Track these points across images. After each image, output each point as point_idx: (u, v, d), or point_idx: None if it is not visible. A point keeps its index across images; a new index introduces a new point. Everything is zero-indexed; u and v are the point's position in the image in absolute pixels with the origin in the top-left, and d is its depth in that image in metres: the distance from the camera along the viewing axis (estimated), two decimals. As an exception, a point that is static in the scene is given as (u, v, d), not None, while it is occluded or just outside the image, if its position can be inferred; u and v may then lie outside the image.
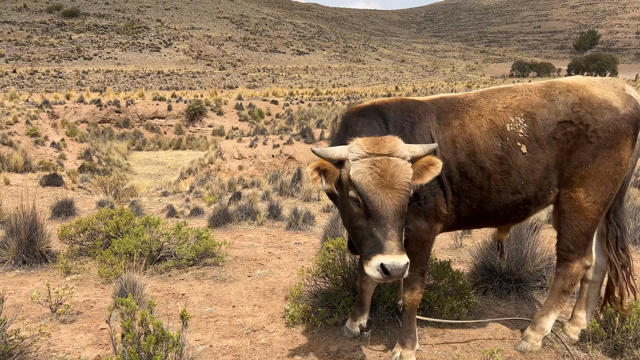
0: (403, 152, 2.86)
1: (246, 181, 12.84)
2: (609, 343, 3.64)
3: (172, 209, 8.52)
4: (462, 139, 3.39)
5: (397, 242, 2.66)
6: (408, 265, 2.64)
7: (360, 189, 2.75)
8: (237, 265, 5.86)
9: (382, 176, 2.74)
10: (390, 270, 2.59)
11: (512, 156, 3.38)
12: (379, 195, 2.71)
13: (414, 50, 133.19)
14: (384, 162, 2.77)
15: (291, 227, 7.56)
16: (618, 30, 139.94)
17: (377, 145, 2.85)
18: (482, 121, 3.43)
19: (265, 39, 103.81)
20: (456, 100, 3.58)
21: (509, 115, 3.44)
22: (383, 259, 2.61)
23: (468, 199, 3.44)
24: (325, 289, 4.57)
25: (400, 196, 2.75)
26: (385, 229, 2.67)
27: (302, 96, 45.34)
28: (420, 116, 3.42)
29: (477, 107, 3.50)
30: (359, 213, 2.80)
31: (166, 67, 74.13)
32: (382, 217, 2.69)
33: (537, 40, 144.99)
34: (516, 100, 3.49)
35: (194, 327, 4.21)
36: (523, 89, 3.57)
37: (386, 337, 3.97)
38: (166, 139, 32.95)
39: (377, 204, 2.70)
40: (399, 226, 2.72)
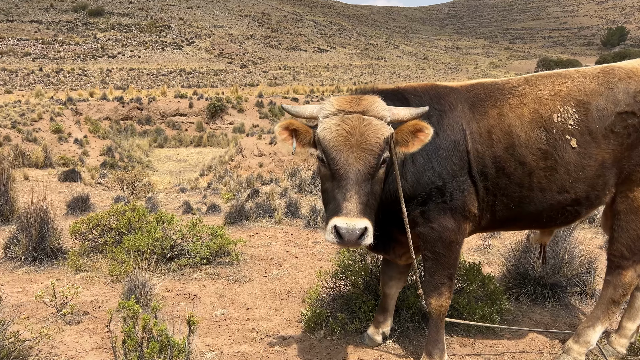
0: (380, 111, 2.62)
1: (264, 178, 12.60)
2: (661, 358, 3.27)
3: (189, 206, 8.32)
4: (500, 130, 3.02)
5: (356, 205, 2.44)
6: (367, 230, 2.42)
7: (325, 146, 2.56)
8: (252, 264, 5.59)
9: (349, 134, 2.52)
10: (343, 233, 2.37)
11: (559, 151, 2.99)
12: (343, 153, 2.51)
13: (437, 47, 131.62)
14: (354, 120, 2.55)
15: (310, 225, 7.27)
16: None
17: (351, 102, 2.63)
18: (524, 110, 3.05)
19: (286, 36, 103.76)
20: (495, 86, 3.21)
21: (556, 104, 3.04)
22: (337, 220, 2.42)
23: (505, 197, 3.08)
24: (344, 292, 4.28)
25: (367, 157, 2.52)
26: (345, 190, 2.47)
27: (322, 93, 44.97)
28: (452, 104, 3.08)
29: (520, 95, 3.12)
30: (325, 174, 2.63)
31: (188, 65, 74.60)
32: (343, 176, 2.49)
33: (563, 37, 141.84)
34: (566, 87, 3.09)
35: (204, 330, 3.96)
36: (575, 74, 3.16)
37: (411, 346, 3.65)
38: (187, 136, 33.02)
39: (339, 162, 2.50)
40: (364, 190, 2.50)
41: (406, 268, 3.56)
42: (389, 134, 2.61)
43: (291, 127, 2.73)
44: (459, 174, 2.98)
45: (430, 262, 3.10)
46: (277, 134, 2.72)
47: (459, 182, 2.98)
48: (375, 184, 2.60)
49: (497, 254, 5.68)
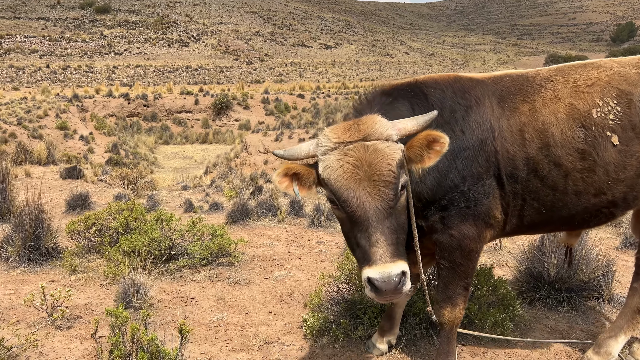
0: (384, 132, 2.29)
1: (268, 175, 12.40)
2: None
3: (190, 204, 8.14)
4: (533, 128, 2.72)
5: (386, 247, 2.12)
6: (406, 275, 2.11)
7: (332, 187, 2.23)
8: (254, 265, 5.40)
9: (355, 167, 2.20)
10: (379, 284, 2.05)
11: (599, 149, 2.69)
12: (354, 190, 2.18)
13: (444, 43, 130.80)
14: (357, 150, 2.22)
15: (313, 224, 7.07)
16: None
17: (349, 130, 2.31)
18: (559, 105, 2.75)
19: (292, 33, 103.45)
20: (525, 78, 2.90)
21: (595, 97, 2.74)
22: (369, 271, 2.10)
23: (536, 201, 2.79)
24: (348, 296, 4.07)
25: (382, 189, 2.18)
26: (369, 233, 2.14)
27: (328, 90, 44.73)
28: (478, 99, 2.78)
29: (553, 87, 2.81)
30: (342, 217, 2.30)
31: (194, 61, 74.54)
32: (361, 218, 2.16)
33: (571, 33, 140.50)
34: (605, 76, 2.78)
35: (201, 337, 3.77)
36: (612, 63, 2.87)
37: (418, 355, 3.44)
38: (193, 133, 32.94)
39: (353, 202, 2.18)
40: (389, 227, 2.18)
41: (417, 276, 3.34)
42: (400, 154, 2.29)
43: (290, 172, 2.40)
44: (485, 176, 2.70)
45: (445, 271, 2.84)
46: (276, 184, 2.42)
47: (484, 186, 2.70)
48: (399, 215, 2.29)
49: (509, 256, 5.46)
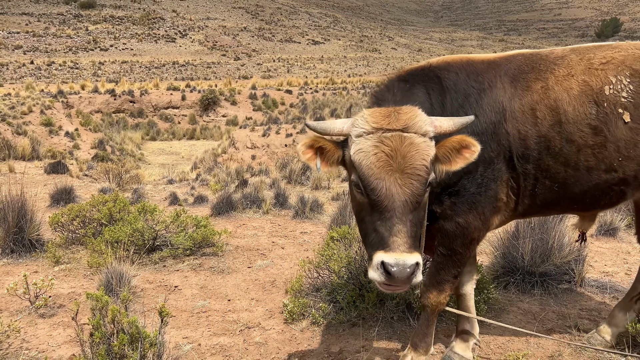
0: (423, 126, 2.26)
1: (254, 169, 12.45)
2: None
3: (175, 197, 8.17)
4: (546, 105, 2.74)
5: (406, 239, 2.11)
6: (419, 266, 2.10)
7: (362, 173, 2.20)
8: (237, 255, 5.47)
9: (390, 157, 2.17)
10: (393, 271, 2.04)
11: (611, 126, 2.73)
12: (384, 181, 2.16)
13: (431, 39, 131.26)
14: (394, 139, 2.19)
15: (298, 215, 7.15)
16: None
17: (389, 117, 2.27)
18: (572, 82, 2.77)
19: (280, 28, 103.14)
20: (538, 57, 2.91)
21: (608, 75, 2.78)
22: (384, 256, 2.09)
23: (548, 179, 2.80)
24: (328, 282, 4.17)
25: (413, 183, 2.17)
26: (391, 223, 2.13)
27: (316, 86, 44.77)
28: (491, 82, 2.77)
29: (567, 65, 2.83)
30: (363, 203, 2.28)
31: (181, 57, 74.05)
32: (387, 208, 2.15)
33: (557, 29, 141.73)
34: (620, 56, 2.82)
35: (183, 322, 3.84)
36: (627, 45, 2.92)
37: (395, 337, 3.55)
38: (180, 129, 32.79)
39: (381, 192, 2.16)
40: (411, 220, 2.17)
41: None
42: (434, 152, 2.28)
43: (316, 144, 2.37)
44: (496, 160, 2.71)
45: (441, 258, 2.85)
46: (300, 153, 2.38)
47: (494, 170, 2.70)
48: (420, 211, 2.28)
49: (486, 243, 5.57)
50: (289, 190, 9.02)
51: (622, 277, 4.77)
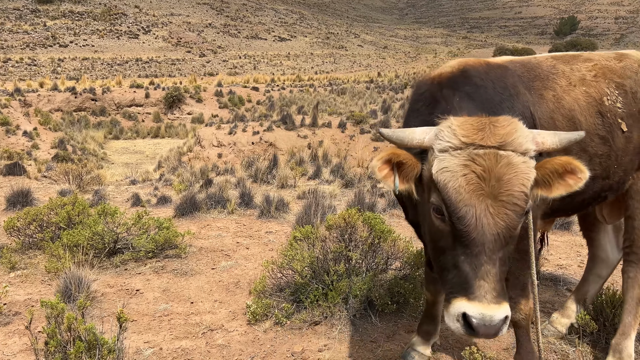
0: (523, 143, 1.90)
1: (220, 168, 12.34)
2: (599, 336, 3.32)
3: (138, 198, 8.03)
4: (562, 115, 2.64)
5: (494, 284, 1.78)
6: (508, 319, 1.78)
7: (447, 197, 1.87)
8: (201, 257, 5.43)
9: (482, 179, 1.83)
10: (477, 325, 1.73)
11: (614, 135, 2.73)
12: (474, 208, 1.82)
13: (396, 36, 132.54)
14: (488, 158, 1.85)
15: (263, 215, 7.14)
16: (597, 16, 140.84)
17: (482, 131, 1.92)
18: (576, 93, 2.73)
19: (246, 25, 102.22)
20: (532, 65, 2.82)
21: (602, 86, 2.79)
22: (468, 306, 1.76)
23: None
24: (292, 282, 4.19)
25: (508, 213, 1.82)
26: (478, 262, 1.80)
27: (283, 83, 44.61)
28: (515, 86, 2.58)
29: (564, 75, 2.79)
30: (443, 230, 1.94)
31: (145, 54, 72.54)
32: (474, 242, 1.81)
33: (518, 26, 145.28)
34: (600, 69, 2.85)
35: (144, 327, 3.80)
36: (597, 57, 2.96)
37: (357, 334, 3.60)
38: (144, 127, 32.13)
39: (470, 222, 1.82)
40: (500, 259, 1.83)
41: None
42: (534, 176, 1.92)
43: (396, 159, 2.04)
44: None
45: (518, 262, 2.60)
46: (375, 170, 2.05)
47: None
48: (511, 246, 1.94)
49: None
50: (255, 189, 8.99)
51: (576, 270, 4.97)
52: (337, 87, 42.21)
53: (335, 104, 33.59)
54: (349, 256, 4.08)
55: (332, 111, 26.74)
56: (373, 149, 19.83)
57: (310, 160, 14.19)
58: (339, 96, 38.15)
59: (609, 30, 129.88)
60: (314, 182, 10.41)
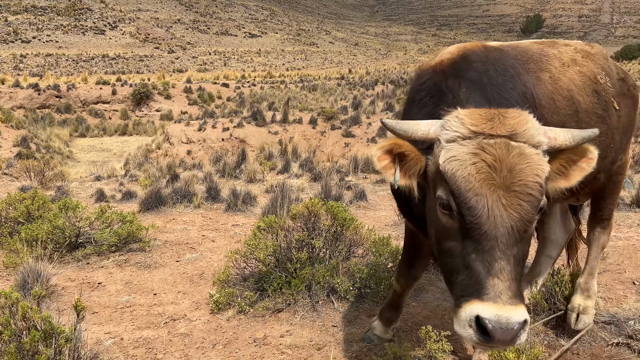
0: (535, 135, 1.83)
1: (187, 164, 12.23)
2: (550, 314, 3.45)
3: (102, 194, 7.90)
4: (561, 96, 2.64)
5: (509, 283, 1.64)
6: (527, 324, 1.64)
7: (455, 186, 1.75)
8: (165, 250, 5.40)
9: (493, 168, 1.73)
10: (492, 329, 1.58)
11: (610, 114, 2.80)
12: (486, 198, 1.70)
13: (367, 33, 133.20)
14: (499, 148, 1.76)
15: (230, 208, 7.13)
16: (562, 14, 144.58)
17: (492, 121, 1.84)
18: (571, 73, 2.74)
19: (215, 21, 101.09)
20: (522, 48, 2.80)
21: (592, 66, 2.86)
22: (481, 308, 1.62)
23: None
24: (256, 271, 4.21)
25: (522, 204, 1.71)
26: (491, 258, 1.67)
27: (254, 79, 44.32)
28: (514, 67, 2.51)
29: (555, 57, 2.79)
30: (450, 228, 1.82)
31: (112, 50, 71.01)
32: (486, 235, 1.69)
33: (486, 24, 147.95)
34: (582, 52, 2.94)
35: (106, 318, 3.77)
36: (573, 43, 3.07)
37: (319, 320, 3.65)
38: (111, 125, 31.49)
39: (481, 213, 1.70)
40: (515, 256, 1.70)
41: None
42: (549, 169, 1.83)
43: (397, 150, 1.93)
44: None
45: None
46: (375, 159, 1.95)
47: None
48: (526, 245, 1.81)
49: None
50: (223, 184, 8.94)
51: (532, 255, 5.13)
52: (309, 83, 42.22)
53: (307, 100, 33.64)
54: (312, 244, 4.13)
55: (303, 107, 26.79)
56: (344, 145, 19.96)
57: (280, 155, 14.19)
58: (310, 93, 38.19)
59: (572, 28, 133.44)
60: (283, 177, 10.42)
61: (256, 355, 3.18)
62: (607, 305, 3.75)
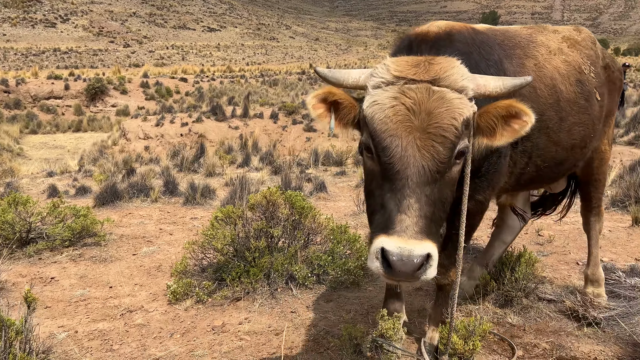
0: (460, 80, 1.86)
1: (144, 158, 12.00)
2: (499, 295, 3.60)
3: (55, 189, 7.66)
4: (544, 84, 2.63)
5: (417, 219, 1.70)
6: (431, 259, 1.70)
7: (373, 128, 1.81)
8: (122, 244, 5.31)
9: (411, 111, 1.77)
10: (394, 261, 1.64)
11: (592, 104, 2.82)
12: (400, 139, 1.76)
13: (328, 28, 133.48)
14: (420, 92, 1.80)
15: (188, 202, 7.05)
16: (516, 11, 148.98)
17: (417, 67, 1.88)
18: (557, 61, 2.74)
19: (173, 14, 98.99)
20: (511, 34, 2.77)
21: (578, 56, 2.87)
22: (386, 241, 1.68)
23: (539, 158, 2.71)
24: (214, 261, 4.21)
25: (436, 146, 1.77)
26: (402, 195, 1.72)
27: (213, 74, 43.75)
28: (495, 52, 2.50)
29: (543, 44, 2.77)
30: (373, 170, 1.88)
31: (63, 44, 68.53)
32: (399, 174, 1.74)
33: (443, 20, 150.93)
34: (569, 40, 2.95)
35: (59, 312, 3.69)
36: (561, 29, 3.11)
37: (278, 307, 3.69)
38: (64, 121, 30.43)
39: (394, 153, 1.75)
40: (428, 196, 1.75)
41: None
42: (471, 113, 1.86)
43: (331, 98, 1.98)
44: None
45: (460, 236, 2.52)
46: (310, 107, 1.99)
47: (506, 148, 2.49)
48: (445, 188, 1.86)
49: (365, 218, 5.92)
50: (181, 178, 8.83)
51: (485, 240, 5.31)
52: (269, 78, 42.01)
53: (267, 95, 33.47)
54: (271, 233, 4.15)
55: (264, 102, 26.62)
56: (305, 139, 20.00)
57: (240, 149, 14.10)
58: (271, 87, 38.03)
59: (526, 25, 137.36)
60: (243, 170, 10.37)
61: (214, 343, 3.19)
62: (553, 285, 3.94)
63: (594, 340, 3.10)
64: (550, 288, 3.82)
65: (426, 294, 3.85)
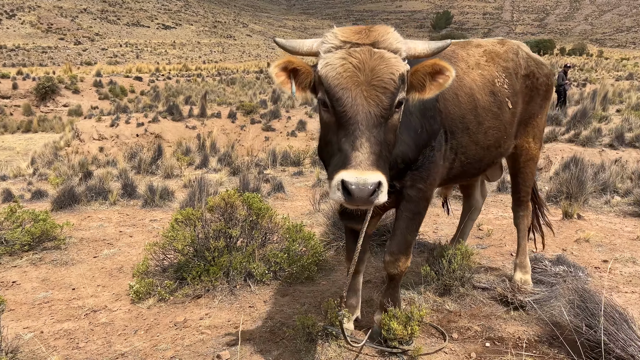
0: (394, 43, 2.26)
1: (101, 161, 11.90)
2: (439, 284, 3.97)
3: (10, 194, 7.59)
4: (464, 93, 3.13)
5: (369, 155, 2.08)
6: (382, 186, 2.06)
7: (328, 85, 2.18)
8: (82, 247, 5.40)
9: (357, 68, 2.16)
10: (352, 189, 2.00)
11: (503, 111, 3.32)
12: (350, 91, 2.14)
13: (285, 27, 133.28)
14: (362, 53, 2.19)
15: (147, 204, 7.16)
16: (468, 12, 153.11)
17: (359, 34, 2.28)
18: (474, 75, 3.23)
19: (126, 11, 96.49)
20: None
21: (493, 70, 3.34)
22: (345, 174, 2.04)
23: (463, 155, 3.23)
24: (175, 262, 4.41)
25: (379, 96, 2.16)
26: (354, 137, 2.10)
27: (169, 72, 43.12)
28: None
29: (462, 59, 3.27)
30: (329, 121, 2.25)
31: (9, 41, 65.70)
32: (351, 121, 2.12)
33: (399, 20, 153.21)
34: (489, 54, 3.41)
35: (23, 314, 3.81)
36: (485, 42, 3.56)
37: (237, 302, 3.94)
38: (13, 121, 29.38)
39: (346, 103, 2.13)
40: (376, 137, 2.13)
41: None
42: (405, 70, 2.25)
43: (290, 66, 2.32)
44: (439, 133, 3.01)
45: (406, 222, 3.01)
46: (273, 76, 2.32)
47: (439, 143, 3.00)
48: (389, 132, 2.25)
49: (323, 217, 6.22)
50: (139, 180, 8.88)
51: (431, 235, 5.72)
52: (227, 77, 41.77)
53: (225, 94, 33.31)
54: (229, 233, 4.38)
55: (222, 101, 26.53)
56: (264, 139, 20.14)
57: (198, 150, 14.14)
58: (228, 86, 37.81)
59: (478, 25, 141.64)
60: (201, 171, 10.49)
61: (177, 337, 3.41)
62: (488, 275, 4.35)
63: (519, 322, 3.51)
64: (485, 277, 4.22)
65: (374, 286, 4.18)
